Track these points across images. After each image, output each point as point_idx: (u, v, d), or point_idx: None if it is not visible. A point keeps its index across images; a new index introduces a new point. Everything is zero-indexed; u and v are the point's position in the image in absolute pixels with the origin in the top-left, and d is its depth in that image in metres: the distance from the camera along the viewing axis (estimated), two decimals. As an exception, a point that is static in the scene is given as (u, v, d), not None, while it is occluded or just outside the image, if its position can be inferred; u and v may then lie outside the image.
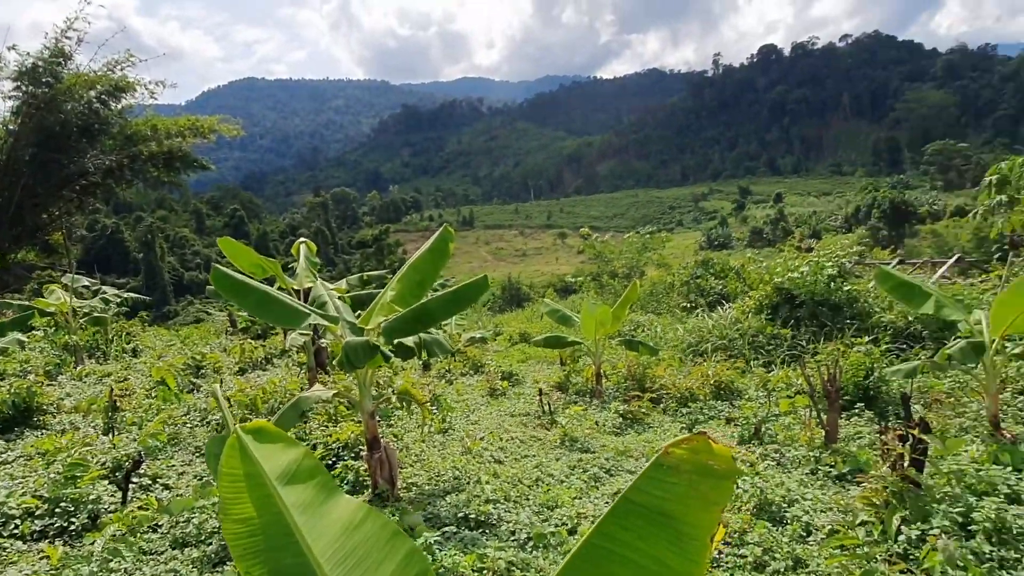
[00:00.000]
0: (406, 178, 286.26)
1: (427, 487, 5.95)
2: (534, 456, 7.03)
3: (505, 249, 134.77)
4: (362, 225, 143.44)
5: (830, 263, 12.76)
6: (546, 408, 8.95)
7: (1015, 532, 4.02)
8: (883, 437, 4.47)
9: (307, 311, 5.18)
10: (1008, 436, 6.25)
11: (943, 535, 3.81)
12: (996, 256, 15.93)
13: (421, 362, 13.23)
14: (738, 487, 5.30)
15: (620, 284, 24.43)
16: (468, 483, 5.96)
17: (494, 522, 5.06)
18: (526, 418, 8.98)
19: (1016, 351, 6.51)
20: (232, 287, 5.11)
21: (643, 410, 8.81)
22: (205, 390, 10.06)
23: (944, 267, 18.11)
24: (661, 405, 9.26)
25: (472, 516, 5.08)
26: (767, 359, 11.48)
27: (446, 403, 9.14)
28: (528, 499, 5.59)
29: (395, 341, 5.56)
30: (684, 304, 17.67)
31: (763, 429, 7.13)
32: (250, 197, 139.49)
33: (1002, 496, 4.71)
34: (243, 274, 5.59)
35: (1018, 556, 3.80)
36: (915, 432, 4.30)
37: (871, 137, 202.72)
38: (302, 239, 9.32)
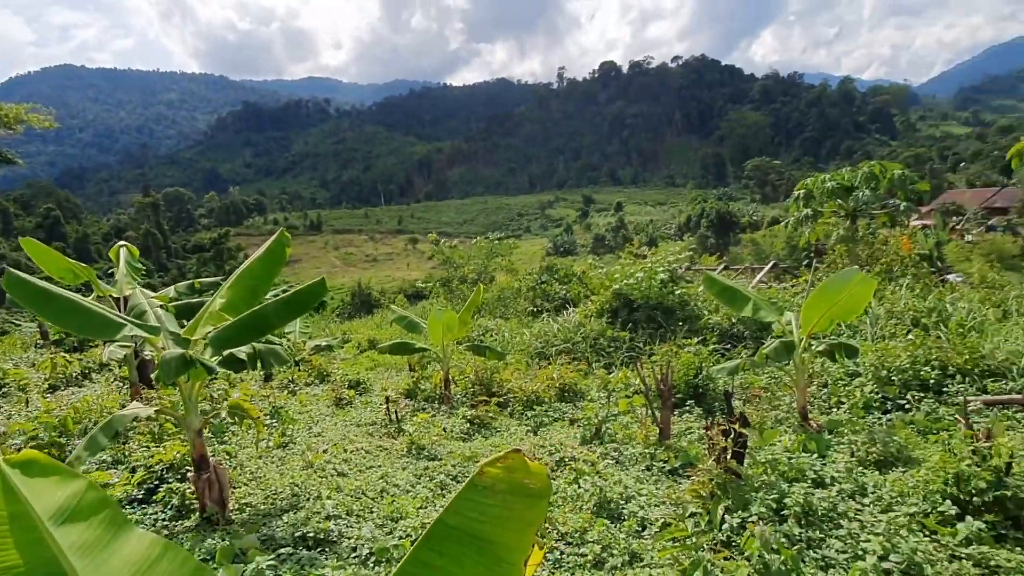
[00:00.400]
0: (248, 179, 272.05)
1: (262, 507, 5.61)
2: (380, 466, 6.85)
3: (355, 254, 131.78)
4: (199, 228, 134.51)
5: (663, 269, 13.55)
6: (393, 416, 8.78)
7: (820, 514, 4.43)
8: (708, 432, 4.77)
9: (122, 321, 4.70)
10: (815, 426, 6.91)
11: (760, 521, 4.12)
12: (804, 263, 17.68)
13: (263, 373, 12.57)
14: (579, 487, 5.46)
15: (469, 289, 24.61)
16: (308, 499, 5.68)
17: (334, 539, 4.85)
18: (373, 427, 8.76)
19: (820, 349, 7.20)
20: (30, 294, 4.53)
21: (490, 414, 8.87)
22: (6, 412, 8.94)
23: (762, 273, 19.83)
24: (508, 409, 9.38)
25: (311, 534, 4.85)
26: (608, 361, 11.97)
27: (287, 415, 8.72)
28: (372, 512, 5.42)
29: (225, 352, 5.19)
30: (531, 309, 18.08)
31: (603, 429, 7.40)
32: (67, 195, 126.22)
33: (809, 481, 5.18)
34: (50, 280, 4.99)
35: (822, 536, 4.18)
36: (736, 426, 4.63)
37: (700, 152, 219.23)
38: (122, 243, 8.54)
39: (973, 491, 4.56)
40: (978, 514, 4.47)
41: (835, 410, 8.03)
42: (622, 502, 5.08)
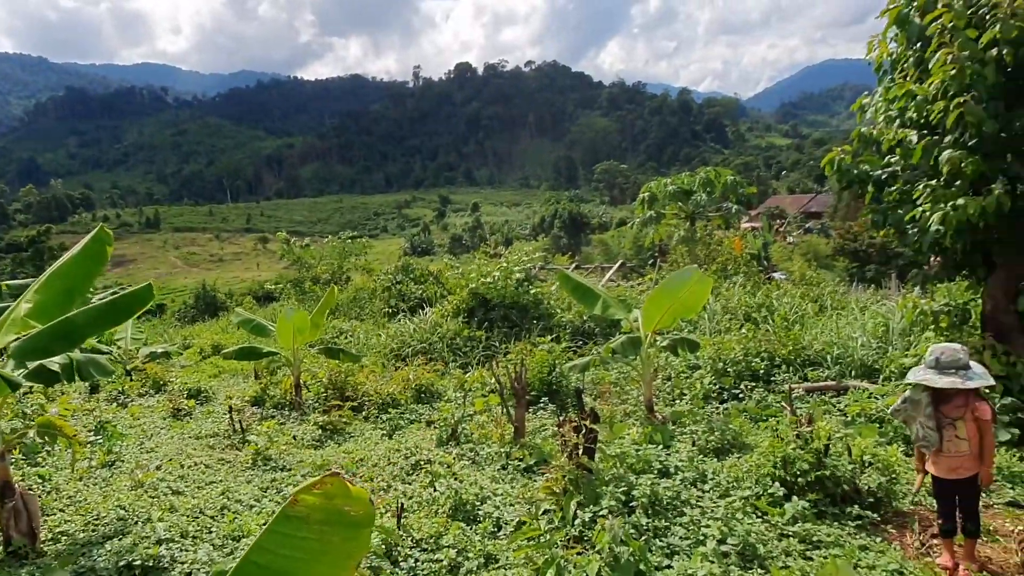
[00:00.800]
0: (73, 171, 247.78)
1: (82, 535, 5.03)
2: (221, 481, 6.39)
3: (199, 254, 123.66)
4: (14, 224, 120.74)
5: (518, 268, 13.75)
6: (238, 426, 8.25)
7: (665, 503, 4.61)
8: (561, 429, 4.84)
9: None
10: (660, 418, 7.24)
11: (610, 514, 4.22)
12: (650, 262, 18.64)
13: (88, 384, 11.42)
14: (435, 490, 5.36)
15: (323, 290, 23.78)
16: (136, 523, 5.17)
17: (165, 565, 4.43)
18: (215, 439, 8.18)
19: (664, 344, 7.56)
20: None
21: (344, 419, 8.57)
22: None
23: (611, 272, 20.69)
24: (363, 413, 9.10)
25: (137, 562, 4.39)
26: (465, 360, 11.96)
27: (114, 431, 7.95)
28: (211, 532, 5.02)
29: (33, 363, 4.60)
30: (387, 309, 17.74)
31: (460, 429, 7.34)
32: None
33: (655, 472, 5.40)
34: None
35: (668, 524, 4.35)
36: (587, 422, 4.73)
37: (553, 155, 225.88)
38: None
39: (798, 472, 4.94)
40: (802, 494, 4.85)
41: (678, 402, 8.47)
42: (478, 503, 5.04)
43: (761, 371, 8.78)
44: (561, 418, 5.02)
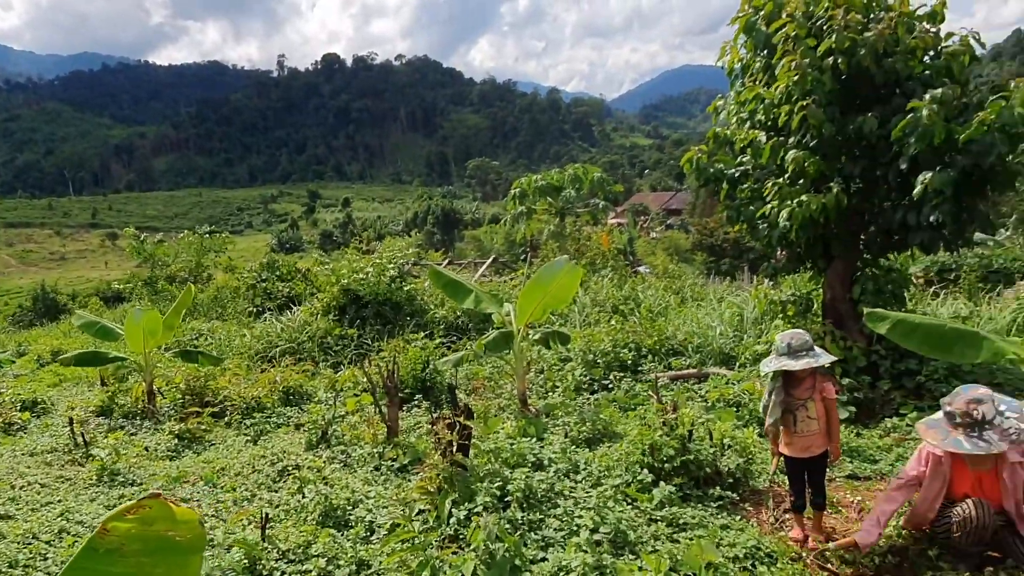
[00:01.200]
0: None
1: None
2: (60, 501, 5.79)
3: (37, 252, 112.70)
4: None
5: (391, 265, 13.50)
6: (80, 439, 7.53)
7: (539, 496, 4.64)
8: (434, 427, 4.76)
9: None
10: (533, 411, 7.32)
11: (485, 511, 4.19)
12: (522, 257, 18.89)
13: None
14: (304, 496, 5.12)
15: (179, 290, 22.30)
16: (-47, 556, 4.58)
17: (-10, 601, 3.95)
18: (53, 455, 7.42)
19: (536, 337, 7.65)
20: None
21: (203, 427, 8.04)
22: None
23: (483, 267, 20.77)
24: (225, 418, 8.59)
25: (-45, 601, 3.89)
26: (336, 360, 11.59)
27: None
28: (47, 559, 4.53)
29: None
30: (251, 309, 16.90)
31: (330, 431, 7.09)
32: None
33: (530, 465, 5.43)
34: None
35: (542, 516, 4.38)
36: (461, 418, 4.67)
37: (425, 150, 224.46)
38: None
39: (664, 458, 5.12)
40: (669, 479, 5.04)
41: (551, 394, 8.60)
42: (350, 508, 4.86)
43: (629, 361, 9.09)
44: (435, 415, 4.93)
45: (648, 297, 12.71)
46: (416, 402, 8.31)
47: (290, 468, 6.07)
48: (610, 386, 8.65)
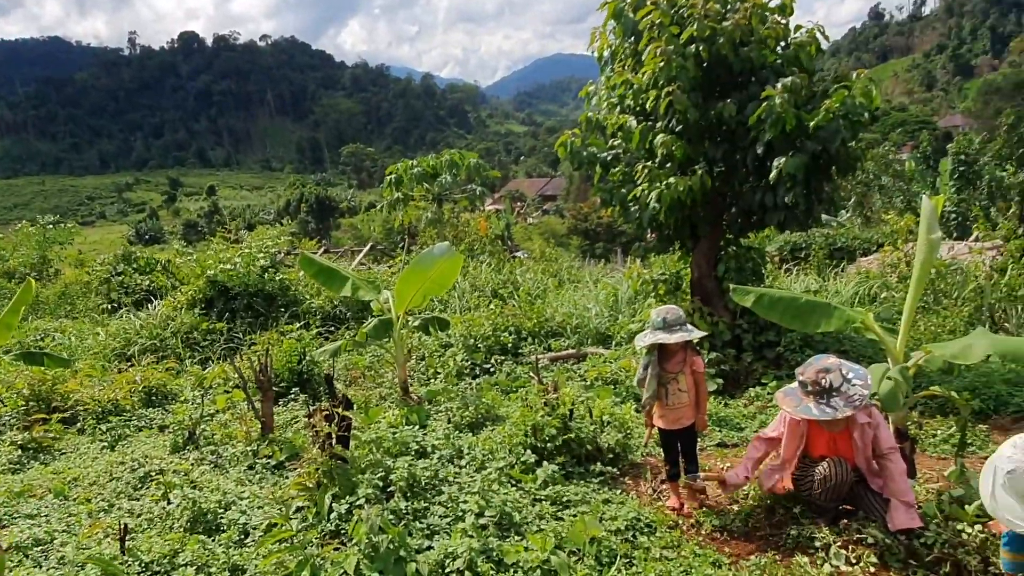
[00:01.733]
0: None
1: None
2: None
3: None
4: None
5: (261, 254, 12.89)
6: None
7: (424, 483, 4.57)
8: (311, 419, 4.56)
9: None
10: (416, 398, 7.21)
11: (367, 503, 4.07)
12: (400, 245, 18.59)
13: None
14: (169, 503, 4.78)
15: (18, 287, 20.25)
16: None
17: None
18: None
19: (416, 324, 7.54)
20: None
21: (52, 435, 7.34)
22: None
23: (361, 255, 20.30)
24: (78, 424, 7.89)
25: None
26: (205, 356, 10.93)
27: None
28: None
29: None
30: (106, 305, 15.61)
31: (198, 432, 6.67)
32: None
33: (413, 453, 5.34)
34: None
35: (427, 504, 4.31)
36: (339, 409, 4.51)
37: (296, 135, 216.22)
38: None
39: (547, 438, 5.19)
40: (551, 458, 5.11)
41: (433, 381, 8.52)
42: (221, 511, 4.57)
43: (509, 345, 9.16)
44: (312, 408, 4.73)
45: (527, 281, 12.87)
46: (293, 395, 7.97)
47: (153, 473, 5.65)
48: (492, 370, 8.68)
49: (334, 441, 4.49)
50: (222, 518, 4.47)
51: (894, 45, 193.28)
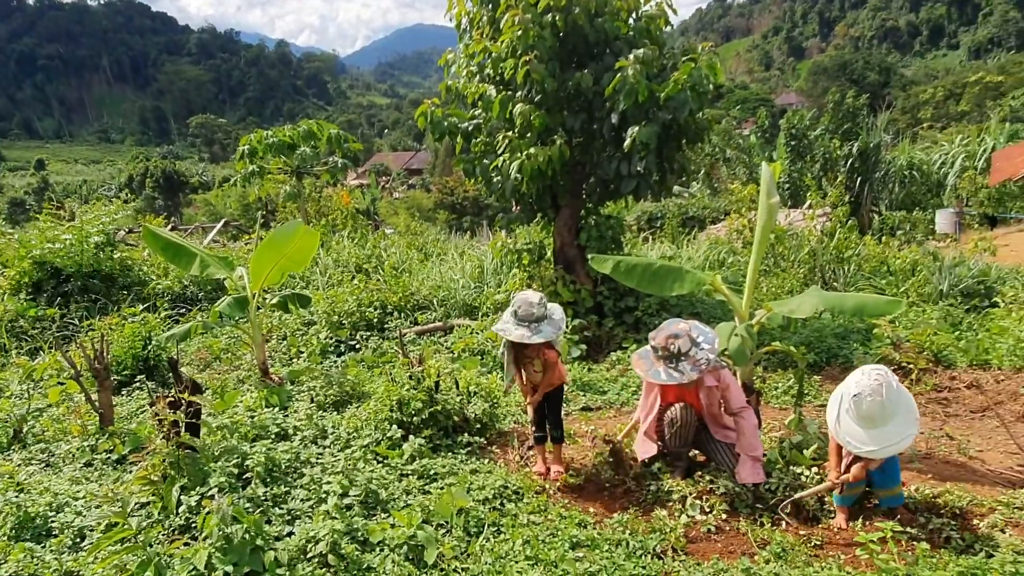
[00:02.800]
0: None
1: None
2: None
3: None
4: None
5: (98, 232, 11.79)
6: None
7: (284, 467, 4.36)
8: (153, 408, 4.21)
9: None
10: (276, 379, 6.87)
11: (219, 493, 3.82)
12: (260, 221, 17.64)
13: None
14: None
15: None
16: None
17: None
18: None
19: (275, 301, 7.16)
20: None
21: None
22: None
23: (213, 231, 19.10)
24: None
25: None
26: (35, 345, 9.88)
27: None
28: None
29: None
30: (-90, 295, 13.76)
31: (26, 429, 6.02)
32: None
33: (273, 436, 5.09)
34: None
35: (288, 489, 4.11)
36: (185, 395, 4.18)
37: (137, 105, 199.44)
38: None
39: (413, 412, 5.11)
40: (418, 432, 5.03)
41: (295, 360, 8.19)
42: (52, 513, 4.13)
43: (375, 320, 8.95)
44: (156, 395, 4.36)
45: (392, 255, 12.61)
46: (138, 384, 7.38)
47: (-31, 479, 5.03)
48: (357, 346, 8.46)
49: (182, 429, 4.17)
50: (53, 522, 4.04)
51: (736, 26, 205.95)
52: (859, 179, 20.27)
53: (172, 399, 4.15)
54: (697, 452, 4.56)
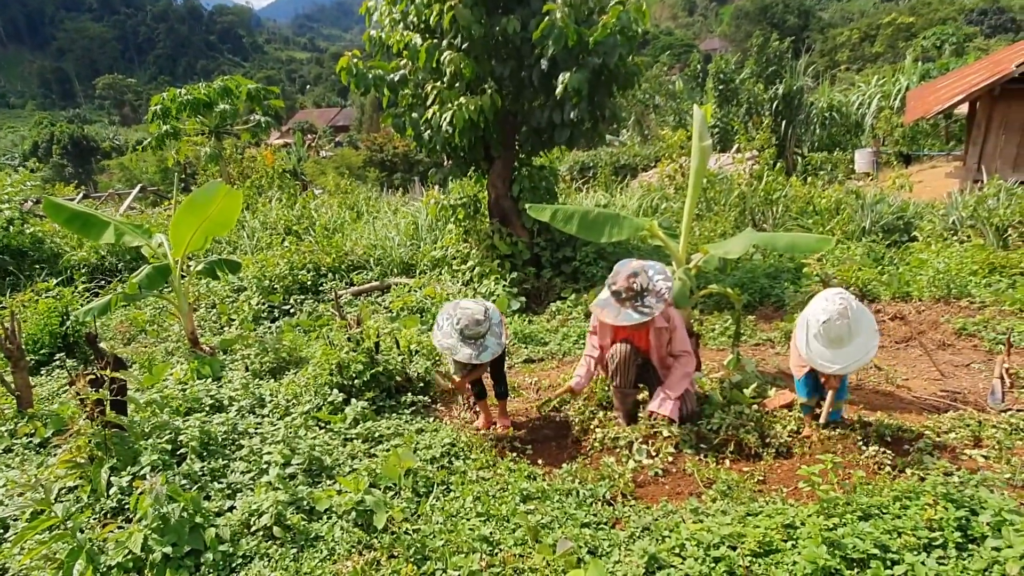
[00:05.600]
0: None
1: None
2: None
3: None
4: None
5: (4, 205, 11.03)
6: None
7: (220, 440, 4.19)
8: (73, 387, 3.95)
9: None
10: (207, 349, 6.61)
11: (152, 471, 3.64)
12: (181, 185, 16.81)
13: None
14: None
15: None
16: None
17: None
18: None
19: (200, 268, 6.84)
20: None
21: None
22: None
23: (130, 198, 18.15)
24: None
25: None
26: (-62, 329, 9.24)
27: None
28: None
29: None
30: None
31: (-65, 418, 5.62)
32: None
33: (207, 408, 4.89)
34: None
35: (226, 462, 3.96)
36: (107, 372, 3.94)
37: (36, 66, 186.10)
38: None
39: (353, 375, 4.98)
40: (360, 394, 4.92)
41: (227, 329, 7.90)
42: (-32, 506, 3.88)
43: (308, 283, 8.70)
44: (76, 374, 4.10)
45: (323, 215, 12.24)
46: (59, 362, 6.98)
47: None
48: (292, 311, 8.22)
49: (108, 407, 3.94)
50: (-29, 515, 3.79)
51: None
52: (783, 122, 20.66)
53: (93, 376, 3.91)
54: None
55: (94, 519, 3.50)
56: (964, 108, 16.09)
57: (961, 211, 9.01)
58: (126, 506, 3.52)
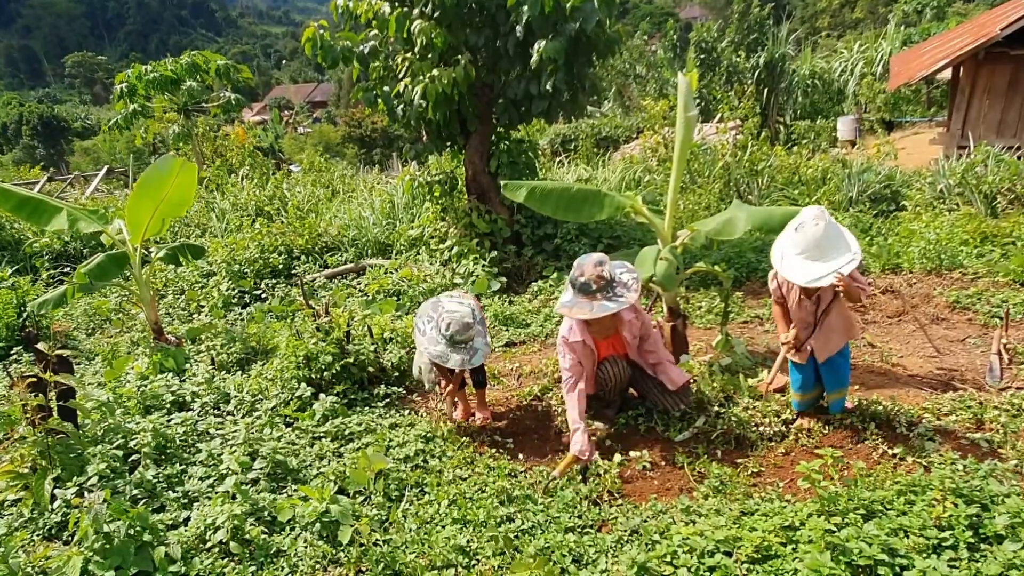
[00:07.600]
0: None
1: None
2: None
3: None
4: None
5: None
6: None
7: (178, 443, 3.91)
8: (13, 390, 3.65)
9: None
10: (172, 339, 6.29)
11: (101, 482, 3.36)
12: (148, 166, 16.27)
13: None
14: None
15: None
16: None
17: None
18: None
19: (162, 255, 6.47)
20: None
21: None
22: None
23: (96, 180, 17.58)
24: None
25: None
26: None
27: None
28: None
29: None
30: None
31: None
32: None
33: (168, 405, 4.60)
34: None
35: (184, 467, 3.68)
36: (47, 374, 3.63)
37: (2, 44, 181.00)
38: None
39: (323, 367, 4.70)
40: (330, 388, 4.65)
41: (195, 317, 7.58)
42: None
43: (281, 266, 8.38)
44: (14, 378, 3.79)
45: (296, 195, 11.85)
46: (14, 357, 6.63)
47: None
48: (263, 296, 7.90)
49: (54, 412, 3.64)
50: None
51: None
52: (766, 91, 20.34)
53: (36, 379, 3.60)
54: (633, 391, 4.34)
55: (38, 535, 3.22)
56: (947, 73, 15.85)
57: (949, 179, 8.81)
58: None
